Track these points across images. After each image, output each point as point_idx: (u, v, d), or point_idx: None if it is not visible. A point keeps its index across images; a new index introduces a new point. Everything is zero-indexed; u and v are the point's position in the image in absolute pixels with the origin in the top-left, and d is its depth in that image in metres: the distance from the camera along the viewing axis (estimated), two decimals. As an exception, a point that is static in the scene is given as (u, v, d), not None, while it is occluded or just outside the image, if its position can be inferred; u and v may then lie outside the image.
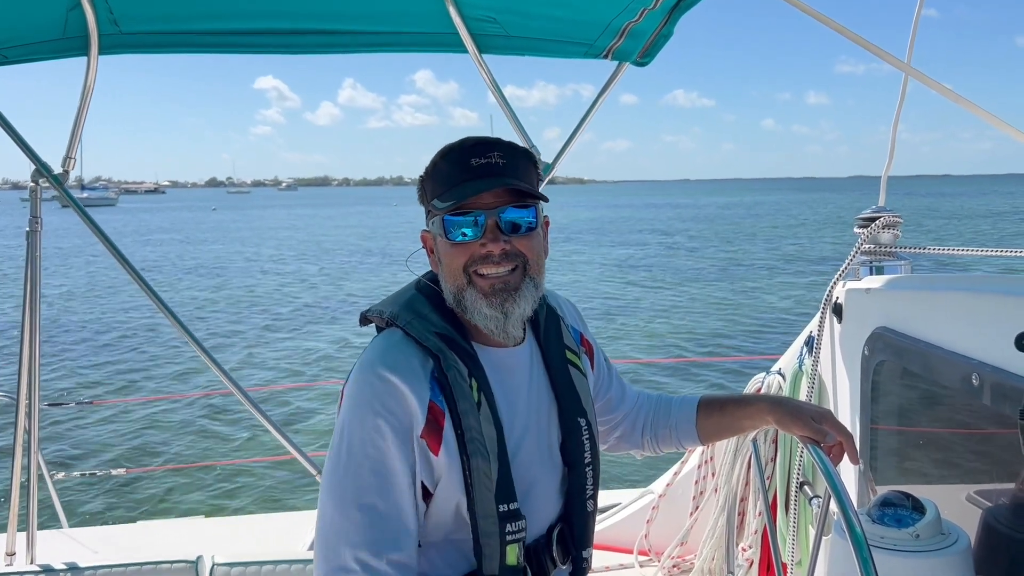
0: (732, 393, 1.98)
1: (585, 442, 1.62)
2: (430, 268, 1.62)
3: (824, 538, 1.88)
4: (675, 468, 3.56)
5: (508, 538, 1.45)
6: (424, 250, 1.62)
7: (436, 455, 1.42)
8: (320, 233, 53.32)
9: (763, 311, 18.61)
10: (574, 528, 1.61)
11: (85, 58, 2.86)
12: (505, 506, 1.44)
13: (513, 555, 1.46)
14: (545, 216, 1.55)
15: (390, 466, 1.39)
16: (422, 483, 1.43)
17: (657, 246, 38.43)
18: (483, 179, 1.44)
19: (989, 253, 2.24)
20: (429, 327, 1.48)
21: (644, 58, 2.95)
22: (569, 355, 1.67)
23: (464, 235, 1.45)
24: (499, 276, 1.46)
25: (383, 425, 1.39)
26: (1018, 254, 2.13)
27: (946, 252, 2.40)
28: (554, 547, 1.58)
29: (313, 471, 3.13)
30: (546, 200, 1.52)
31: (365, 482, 1.39)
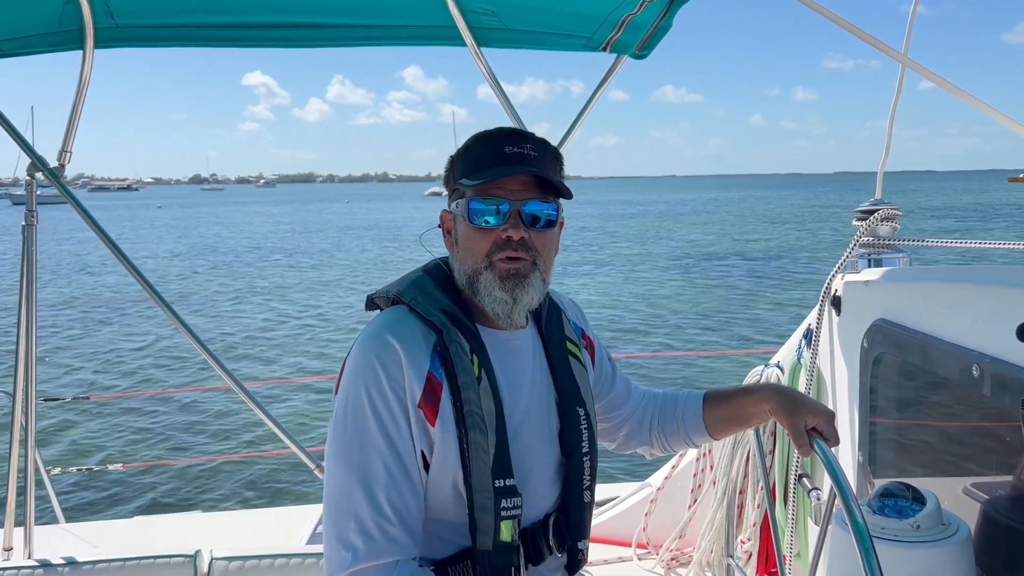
0: (738, 385, 1.99)
1: (583, 431, 1.63)
2: (441, 247, 1.64)
3: (827, 529, 1.88)
4: (673, 461, 3.57)
5: (503, 514, 1.46)
6: (440, 230, 1.63)
7: (432, 426, 1.44)
8: (235, 231, 52.47)
9: (759, 305, 18.65)
10: (571, 518, 1.62)
11: (81, 51, 2.84)
12: (501, 481, 1.46)
13: (508, 532, 1.47)
14: (561, 218, 1.58)
15: (394, 432, 1.42)
16: (422, 452, 1.45)
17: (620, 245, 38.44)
18: (515, 165, 1.48)
19: (988, 245, 2.25)
20: (434, 303, 1.52)
21: (643, 51, 2.94)
22: (569, 346, 1.69)
23: (487, 222, 1.49)
24: (514, 262, 1.49)
25: (386, 391, 1.42)
26: (1017, 246, 2.13)
27: (945, 244, 2.40)
28: (550, 535, 1.58)
29: (311, 465, 3.13)
30: (570, 197, 1.55)
31: (372, 448, 1.41)
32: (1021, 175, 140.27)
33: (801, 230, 44.87)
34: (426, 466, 1.46)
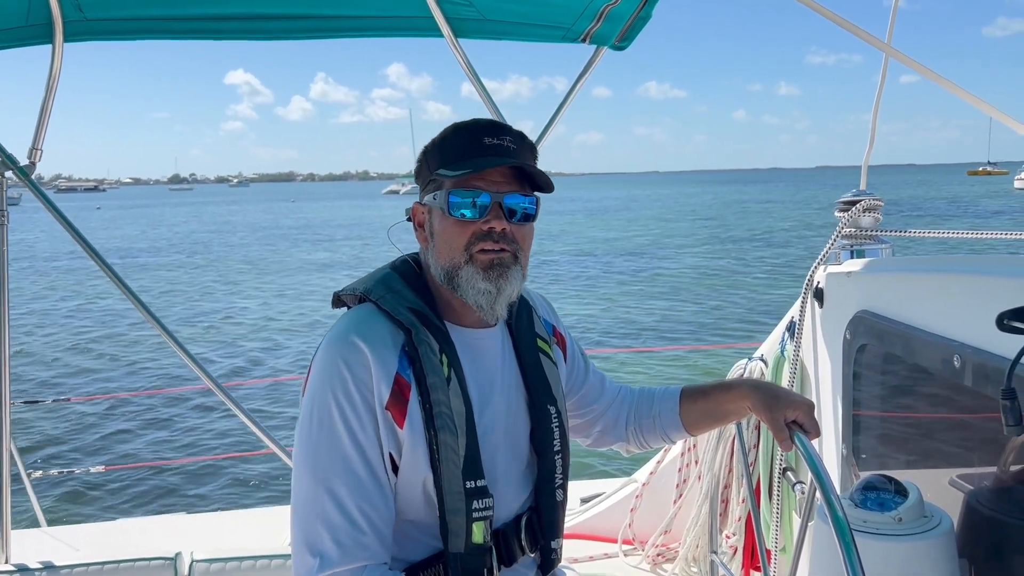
0: (715, 380, 1.96)
1: (554, 430, 1.60)
2: (411, 242, 1.60)
3: (809, 523, 1.86)
4: (658, 457, 3.55)
5: (474, 515, 1.43)
6: (411, 223, 1.59)
7: (400, 428, 1.40)
8: (148, 232, 51.47)
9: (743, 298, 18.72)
10: (543, 517, 1.59)
11: (50, 46, 2.78)
12: (472, 483, 1.43)
13: (480, 533, 1.44)
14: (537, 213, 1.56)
15: (362, 435, 1.38)
16: (390, 455, 1.41)
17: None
18: (497, 156, 1.45)
19: (969, 235, 2.24)
20: (402, 302, 1.48)
21: (622, 42, 2.92)
22: (540, 343, 1.66)
23: (463, 215, 1.45)
24: (496, 253, 1.46)
25: (353, 394, 1.38)
26: (997, 235, 2.12)
27: (927, 235, 2.39)
28: (522, 535, 1.56)
29: (292, 465, 3.09)
30: (551, 191, 1.52)
31: (339, 452, 1.38)
32: (980, 168, 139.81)
33: (688, 224, 45.63)
34: (395, 468, 1.42)
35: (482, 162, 1.44)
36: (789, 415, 1.59)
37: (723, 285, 21.07)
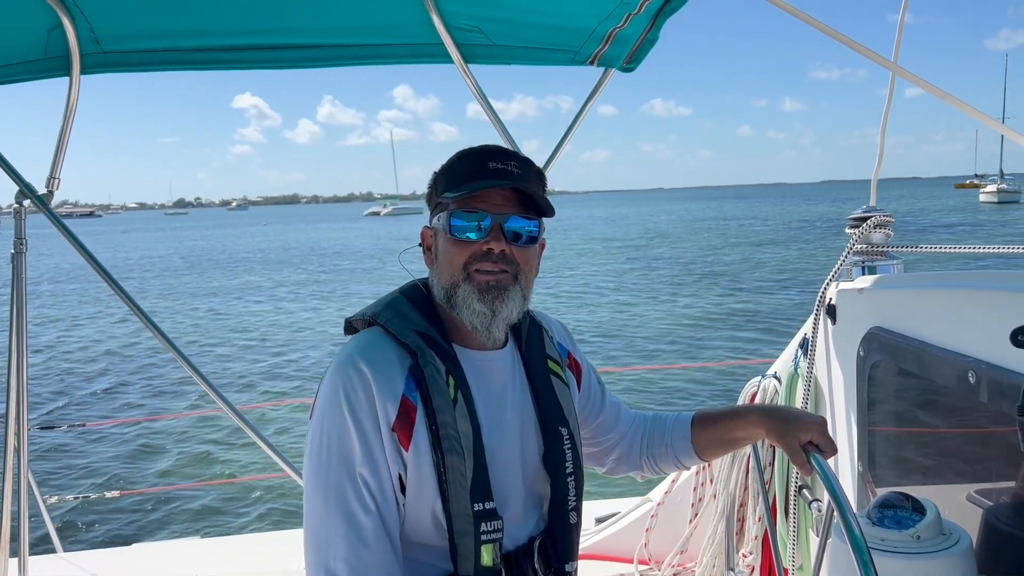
0: (726, 406, 1.97)
1: (567, 451, 1.60)
2: (421, 265, 1.63)
3: (827, 542, 1.86)
4: (673, 475, 3.54)
5: (483, 538, 1.44)
6: (420, 247, 1.62)
7: (406, 450, 1.42)
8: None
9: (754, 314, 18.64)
10: (557, 540, 1.59)
11: (67, 78, 2.84)
12: (480, 505, 1.44)
13: (488, 556, 1.45)
14: (542, 239, 1.58)
15: (371, 456, 1.40)
16: (399, 475, 1.43)
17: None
18: (499, 180, 1.48)
19: (981, 250, 2.24)
20: (409, 325, 1.50)
21: (630, 64, 2.94)
22: (551, 364, 1.66)
23: (468, 237, 1.48)
24: (493, 274, 1.48)
25: (360, 418, 1.40)
26: (1010, 250, 2.12)
27: (938, 250, 2.39)
28: (535, 558, 1.56)
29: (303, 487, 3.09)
30: (552, 215, 1.54)
31: (349, 473, 1.39)
32: (967, 181, 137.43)
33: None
34: (403, 489, 1.44)
35: (483, 183, 1.47)
36: (803, 438, 1.60)
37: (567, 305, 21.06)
